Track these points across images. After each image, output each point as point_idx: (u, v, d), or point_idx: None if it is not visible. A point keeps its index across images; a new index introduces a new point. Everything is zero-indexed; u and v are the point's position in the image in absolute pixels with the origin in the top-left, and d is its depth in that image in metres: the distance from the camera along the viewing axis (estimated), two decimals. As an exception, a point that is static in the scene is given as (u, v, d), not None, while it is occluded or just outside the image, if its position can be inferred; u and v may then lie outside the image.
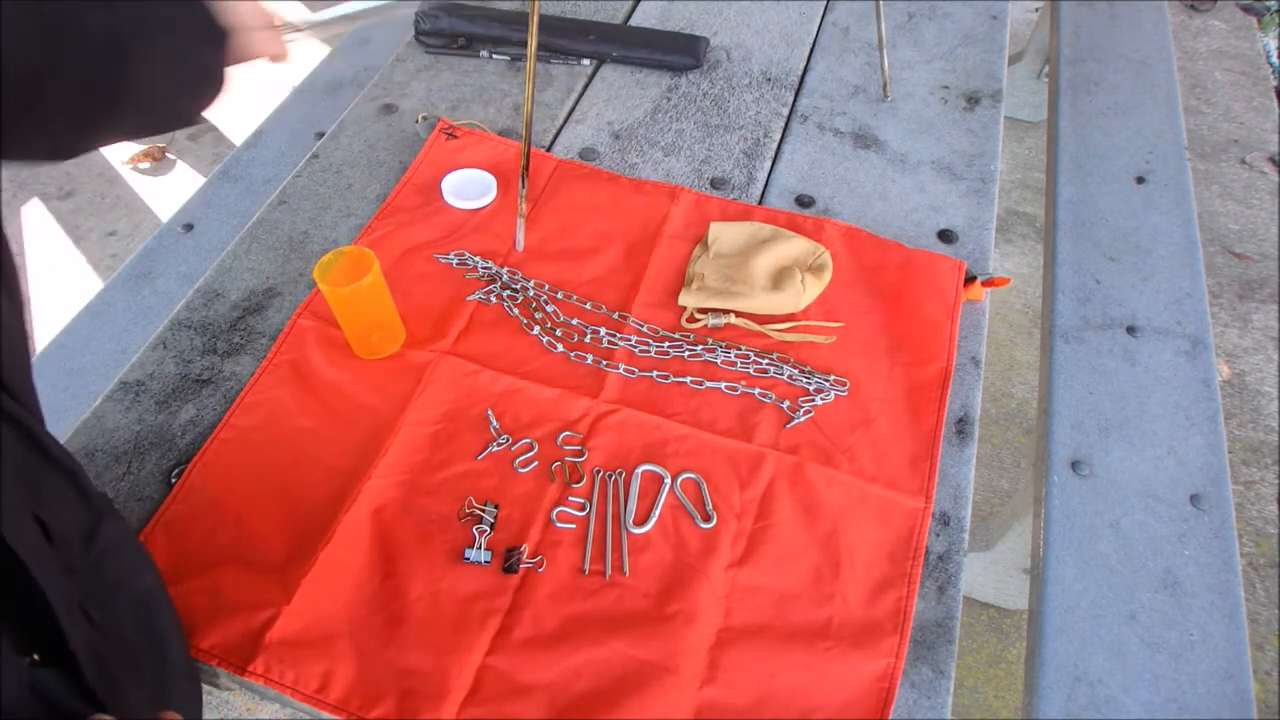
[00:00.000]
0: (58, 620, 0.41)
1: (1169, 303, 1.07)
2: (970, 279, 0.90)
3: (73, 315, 1.23)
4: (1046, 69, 1.95)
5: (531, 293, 0.88)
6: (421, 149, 1.02)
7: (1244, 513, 1.56)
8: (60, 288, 2.00)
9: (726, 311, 0.86)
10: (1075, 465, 0.92)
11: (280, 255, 0.92)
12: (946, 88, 1.16)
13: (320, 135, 1.19)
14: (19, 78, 0.41)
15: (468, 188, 0.96)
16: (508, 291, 0.87)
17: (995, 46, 1.23)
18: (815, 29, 1.25)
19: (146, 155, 2.30)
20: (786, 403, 0.80)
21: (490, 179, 0.97)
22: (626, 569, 0.69)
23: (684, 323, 0.86)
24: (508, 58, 1.16)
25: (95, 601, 0.46)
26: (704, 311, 0.86)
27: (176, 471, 0.73)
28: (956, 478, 0.76)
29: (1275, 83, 2.33)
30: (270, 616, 0.64)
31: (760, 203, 1.00)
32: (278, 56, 0.59)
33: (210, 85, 0.53)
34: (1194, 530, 0.88)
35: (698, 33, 1.21)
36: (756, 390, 0.80)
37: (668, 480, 0.74)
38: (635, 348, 0.84)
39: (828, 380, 0.81)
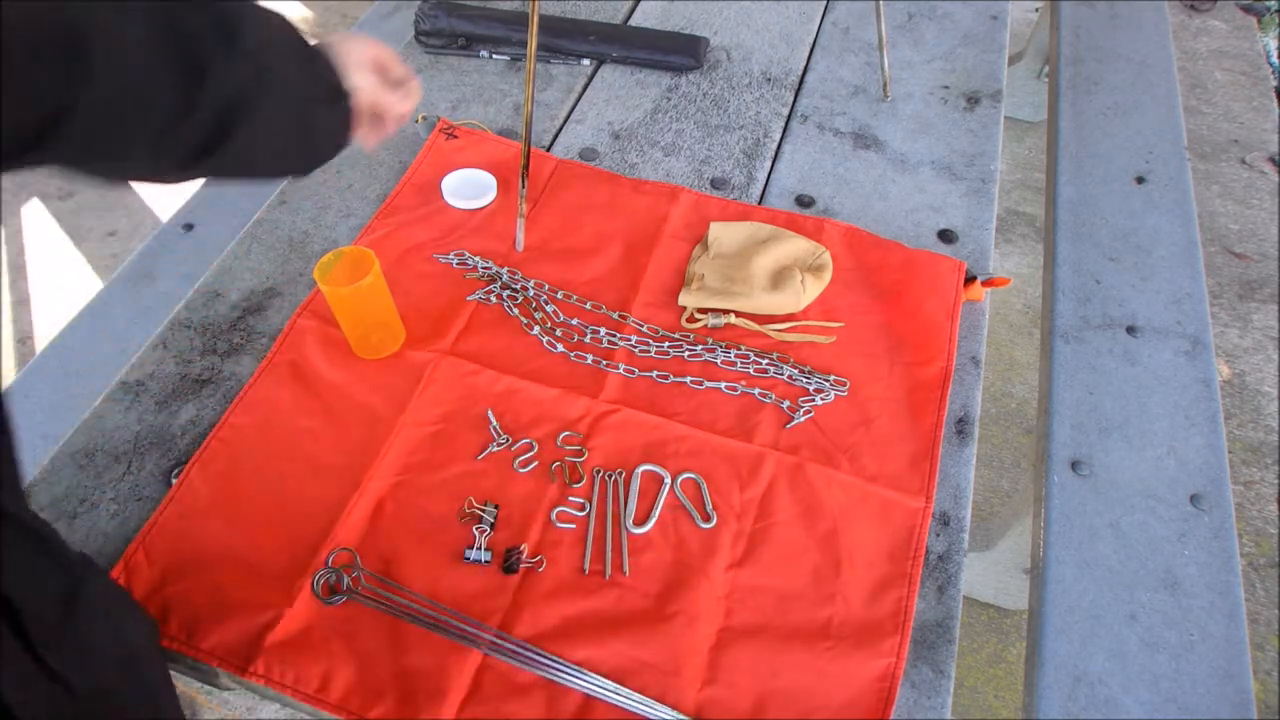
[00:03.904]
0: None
1: (1169, 303, 1.07)
2: (970, 279, 0.90)
3: (73, 315, 1.23)
4: (1046, 69, 1.95)
5: (531, 293, 0.88)
6: (421, 149, 1.02)
7: (1244, 513, 1.56)
8: (60, 288, 2.00)
9: (726, 311, 0.86)
10: (1075, 465, 0.92)
11: (280, 255, 0.92)
12: (946, 88, 1.16)
13: (320, 135, 1.18)
14: (145, 111, 0.40)
15: (467, 188, 0.96)
16: (508, 291, 0.87)
17: (995, 46, 1.23)
18: (815, 29, 1.25)
19: (146, 155, 2.29)
20: (786, 403, 0.80)
21: (490, 179, 0.97)
22: (626, 569, 0.69)
23: (684, 323, 0.86)
24: (508, 58, 1.16)
25: (78, 665, 0.44)
26: (704, 311, 0.86)
27: (176, 471, 0.73)
28: (956, 478, 0.76)
29: (1275, 83, 2.33)
30: (272, 618, 0.64)
31: (760, 203, 1.00)
32: (401, 118, 0.59)
33: (324, 146, 0.53)
34: (1194, 530, 0.87)
35: (698, 33, 1.21)
36: (756, 390, 0.80)
37: (668, 480, 0.74)
38: (635, 348, 0.84)
39: (828, 380, 0.81)
